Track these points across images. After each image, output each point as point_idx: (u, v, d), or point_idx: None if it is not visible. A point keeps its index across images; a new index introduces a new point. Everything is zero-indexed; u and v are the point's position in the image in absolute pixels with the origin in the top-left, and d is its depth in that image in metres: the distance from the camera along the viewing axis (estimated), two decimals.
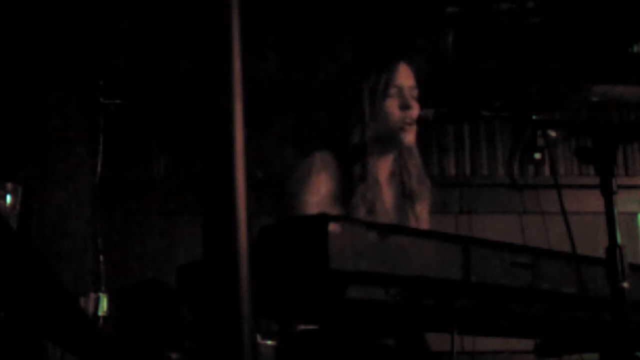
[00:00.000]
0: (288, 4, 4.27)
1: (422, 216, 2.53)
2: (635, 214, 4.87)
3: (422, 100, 2.46)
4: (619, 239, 1.65)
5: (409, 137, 2.43)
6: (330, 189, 2.36)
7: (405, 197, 2.51)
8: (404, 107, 2.41)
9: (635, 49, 4.51)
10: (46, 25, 4.15)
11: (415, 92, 2.45)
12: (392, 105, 2.41)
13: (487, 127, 4.98)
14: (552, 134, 1.89)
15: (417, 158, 2.55)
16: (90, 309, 3.20)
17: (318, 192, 2.34)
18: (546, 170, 4.83)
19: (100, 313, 3.22)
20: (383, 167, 2.49)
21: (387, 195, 2.50)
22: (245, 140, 0.84)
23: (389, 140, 2.43)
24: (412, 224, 2.47)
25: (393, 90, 2.42)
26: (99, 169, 4.00)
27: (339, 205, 2.35)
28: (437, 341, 2.31)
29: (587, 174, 4.79)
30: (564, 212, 1.78)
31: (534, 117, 1.85)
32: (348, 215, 2.30)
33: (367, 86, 2.42)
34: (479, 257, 1.66)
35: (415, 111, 2.41)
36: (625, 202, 4.56)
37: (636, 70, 4.63)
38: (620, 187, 1.70)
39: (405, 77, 2.45)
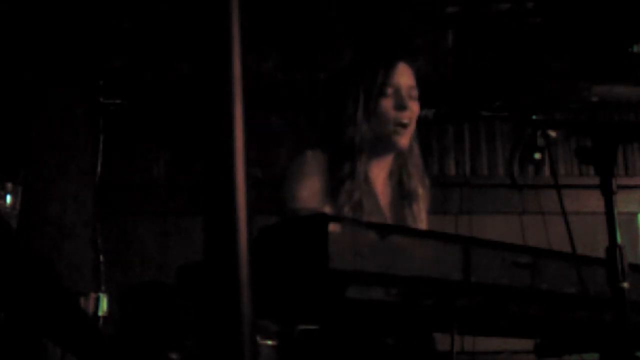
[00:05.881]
0: (288, 4, 4.27)
1: (420, 216, 2.52)
2: (635, 214, 4.87)
3: (422, 101, 2.45)
4: (619, 239, 1.65)
5: (403, 140, 2.41)
6: (322, 187, 2.37)
7: (403, 197, 2.51)
8: (400, 107, 2.39)
9: (635, 49, 4.51)
10: (46, 26, 4.15)
11: (414, 93, 2.43)
12: (387, 105, 2.39)
13: (487, 127, 4.98)
14: (552, 134, 1.89)
15: (418, 158, 2.53)
16: (90, 309, 3.21)
17: (310, 188, 2.35)
18: (546, 170, 4.82)
19: (100, 313, 3.22)
20: (379, 167, 2.48)
21: (383, 195, 2.49)
22: (245, 140, 0.84)
23: (382, 142, 2.42)
24: (410, 224, 2.47)
25: (389, 90, 2.40)
26: (99, 169, 4.00)
27: (329, 203, 2.35)
28: (437, 341, 2.32)
29: (587, 174, 4.79)
30: (564, 212, 1.78)
31: (534, 117, 1.85)
32: (336, 214, 2.30)
33: (363, 85, 2.41)
34: (479, 257, 1.66)
35: (412, 112, 2.40)
36: (625, 202, 4.56)
37: (636, 70, 4.63)
38: (620, 187, 1.69)
39: (403, 77, 2.43)
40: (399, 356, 2.29)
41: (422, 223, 2.54)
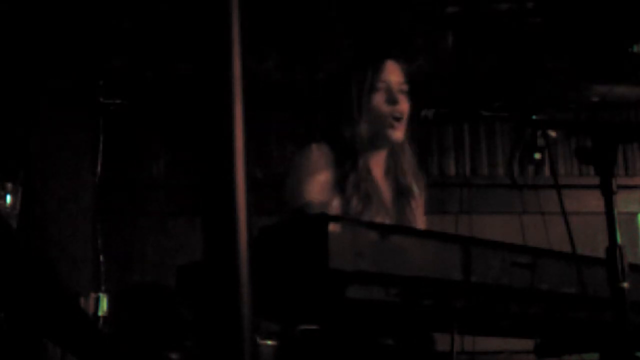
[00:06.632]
0: (288, 4, 4.27)
1: (418, 212, 2.55)
2: (635, 214, 4.87)
3: (422, 101, 2.46)
4: (619, 239, 1.65)
5: (397, 133, 2.46)
6: (328, 179, 2.39)
7: (402, 193, 2.53)
8: (391, 101, 2.44)
9: (635, 49, 4.50)
10: (46, 26, 4.15)
11: (404, 87, 2.48)
12: (379, 100, 2.45)
13: (487, 127, 4.98)
14: (552, 134, 1.89)
15: (410, 155, 2.57)
16: (90, 309, 3.20)
17: (317, 181, 2.37)
18: (546, 170, 4.83)
19: (100, 313, 3.22)
20: (377, 163, 2.51)
21: (385, 191, 2.52)
22: (245, 140, 0.84)
23: (377, 136, 2.45)
24: (411, 219, 2.49)
25: (381, 85, 2.45)
26: (99, 169, 4.00)
27: (336, 196, 2.37)
28: (437, 341, 2.32)
29: (587, 174, 4.79)
30: (564, 212, 1.78)
31: (534, 117, 1.85)
32: (345, 206, 2.32)
33: (356, 83, 2.45)
34: (479, 257, 1.66)
35: (403, 106, 2.44)
36: (625, 202, 4.56)
37: (636, 70, 4.63)
38: (620, 187, 1.69)
39: (392, 74, 2.49)
40: (399, 356, 2.29)
41: (420, 219, 2.57)
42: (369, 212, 2.35)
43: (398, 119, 2.45)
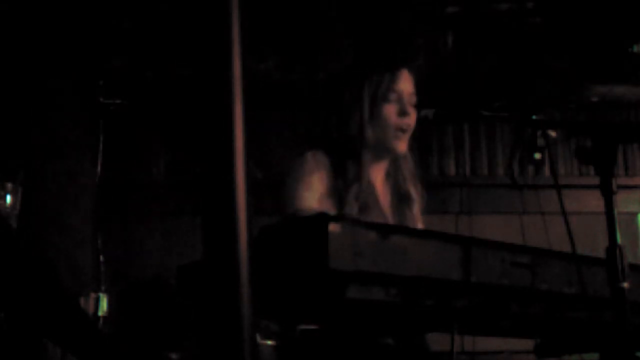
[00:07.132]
0: (288, 4, 4.27)
1: (417, 218, 2.54)
2: (635, 214, 4.87)
3: (422, 100, 2.46)
4: (619, 239, 1.65)
5: (402, 145, 2.46)
6: (324, 187, 2.38)
7: (401, 199, 2.53)
8: (402, 113, 2.43)
9: (635, 49, 4.50)
10: (46, 26, 4.15)
11: (414, 99, 2.47)
12: (390, 111, 2.43)
13: (487, 127, 4.98)
14: (552, 134, 1.89)
15: (411, 163, 2.57)
16: (90, 309, 3.20)
17: (312, 189, 2.36)
18: (546, 170, 4.83)
19: (100, 313, 3.22)
20: (378, 170, 2.51)
21: (384, 197, 2.51)
22: (245, 140, 0.84)
23: (381, 146, 2.45)
24: (410, 225, 2.48)
25: (393, 96, 2.44)
26: (99, 169, 3.99)
27: (332, 203, 2.36)
28: (437, 341, 2.32)
29: (587, 174, 4.79)
30: (564, 212, 1.78)
31: (534, 117, 1.85)
32: (341, 214, 2.31)
33: (368, 90, 2.43)
34: (479, 257, 1.66)
35: (411, 119, 2.43)
36: (625, 202, 4.56)
37: (636, 70, 4.63)
38: (620, 187, 1.69)
39: (406, 84, 2.47)
40: (399, 356, 2.29)
41: (420, 224, 2.56)
42: (367, 219, 2.34)
43: (404, 131, 2.44)
